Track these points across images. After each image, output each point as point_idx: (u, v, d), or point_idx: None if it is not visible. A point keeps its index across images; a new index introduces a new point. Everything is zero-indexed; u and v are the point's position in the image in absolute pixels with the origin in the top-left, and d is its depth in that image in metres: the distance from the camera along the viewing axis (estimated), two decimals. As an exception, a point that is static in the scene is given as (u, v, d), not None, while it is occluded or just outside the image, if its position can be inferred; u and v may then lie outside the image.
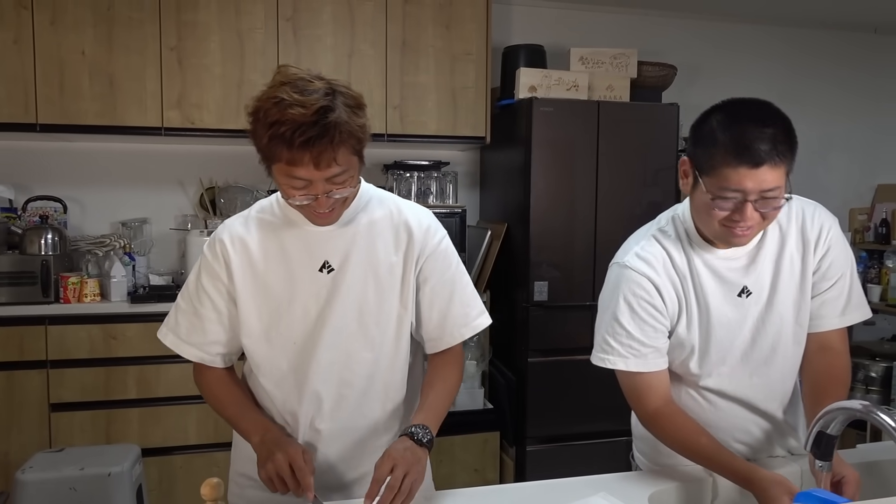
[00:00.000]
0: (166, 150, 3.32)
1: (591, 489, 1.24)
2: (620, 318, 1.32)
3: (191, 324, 1.31)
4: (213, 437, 2.88)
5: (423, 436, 1.18)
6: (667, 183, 3.23)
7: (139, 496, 2.32)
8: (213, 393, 1.34)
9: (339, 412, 1.30)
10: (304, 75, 1.13)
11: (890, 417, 1.01)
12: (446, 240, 1.36)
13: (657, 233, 1.37)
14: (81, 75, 2.88)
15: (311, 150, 1.08)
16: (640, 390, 1.34)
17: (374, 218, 1.29)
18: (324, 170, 1.11)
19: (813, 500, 0.99)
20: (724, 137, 1.18)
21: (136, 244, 3.19)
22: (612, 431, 3.16)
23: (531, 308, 3.10)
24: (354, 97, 1.15)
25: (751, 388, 1.38)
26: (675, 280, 1.33)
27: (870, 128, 4.40)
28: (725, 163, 1.18)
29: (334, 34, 3.11)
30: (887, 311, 3.66)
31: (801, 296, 1.35)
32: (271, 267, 1.26)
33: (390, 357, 1.31)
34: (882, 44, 4.41)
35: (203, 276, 1.30)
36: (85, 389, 2.79)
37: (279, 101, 1.08)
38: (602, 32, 3.82)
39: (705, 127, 1.24)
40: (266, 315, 1.27)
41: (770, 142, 1.16)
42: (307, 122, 1.06)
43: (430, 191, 3.37)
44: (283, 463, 1.15)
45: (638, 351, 1.32)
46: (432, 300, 1.31)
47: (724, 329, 1.34)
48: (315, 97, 1.08)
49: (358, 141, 1.14)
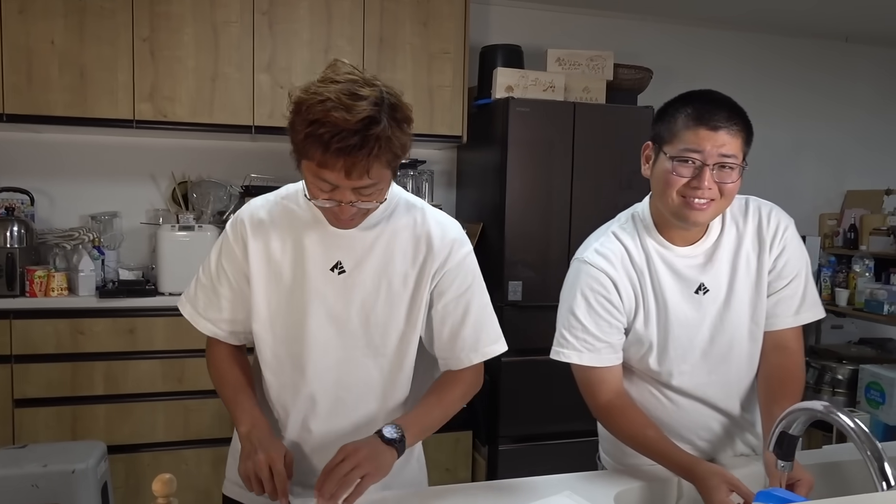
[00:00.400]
0: (138, 143, 3.27)
1: (557, 488, 1.24)
2: (577, 312, 1.35)
3: (208, 299, 1.31)
4: (182, 435, 2.85)
5: (391, 433, 1.17)
6: (641, 185, 3.18)
7: (104, 494, 2.29)
8: (218, 369, 1.34)
9: (333, 415, 1.28)
10: (357, 77, 1.09)
11: (849, 419, 1.03)
12: (470, 257, 1.30)
13: (617, 229, 1.41)
14: (51, 65, 2.82)
15: (345, 158, 1.05)
16: (592, 384, 1.37)
17: (397, 226, 1.26)
18: (354, 180, 1.08)
19: (773, 499, 1.00)
20: (685, 108, 1.26)
21: (105, 238, 3.13)
22: (585, 431, 3.15)
23: (505, 308, 3.11)
24: (404, 110, 1.11)
25: (710, 385, 1.40)
26: (632, 276, 1.36)
27: (840, 135, 4.49)
28: (686, 126, 1.24)
29: (311, 29, 3.09)
30: (854, 315, 3.73)
31: (756, 294, 1.38)
32: (286, 257, 1.25)
33: (392, 368, 1.28)
34: (852, 52, 4.49)
35: (223, 255, 1.30)
36: (50, 385, 2.74)
37: (325, 99, 1.04)
38: (579, 34, 3.84)
39: (668, 108, 1.31)
40: (275, 303, 1.27)
41: (727, 112, 1.25)
42: (349, 129, 1.03)
43: (406, 189, 3.34)
44: (263, 465, 1.14)
45: (592, 345, 1.34)
46: (444, 318, 1.27)
47: (682, 327, 1.36)
48: (363, 105, 1.04)
49: (395, 157, 1.11)
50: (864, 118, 4.53)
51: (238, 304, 1.30)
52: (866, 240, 3.87)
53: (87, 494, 2.17)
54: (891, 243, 3.69)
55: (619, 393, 1.37)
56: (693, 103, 1.26)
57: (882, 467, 0.97)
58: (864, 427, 1.01)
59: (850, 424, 1.02)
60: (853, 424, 1.02)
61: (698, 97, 1.28)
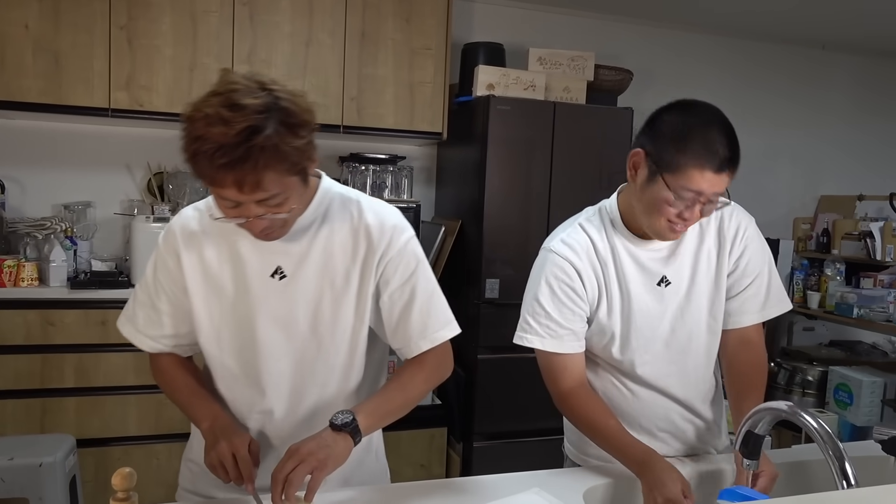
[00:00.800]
0: (113, 132, 3.22)
1: (526, 485, 1.25)
2: (541, 298, 1.39)
3: (147, 316, 1.28)
4: (154, 429, 2.82)
5: (339, 419, 1.15)
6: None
7: (73, 488, 2.26)
8: (167, 375, 1.31)
9: (289, 422, 1.27)
10: (240, 86, 1.02)
11: (812, 419, 1.05)
12: (412, 243, 1.27)
13: (583, 221, 1.45)
14: (24, 51, 2.77)
15: (232, 173, 1.00)
16: (555, 370, 1.40)
17: (333, 224, 1.23)
18: (249, 194, 1.03)
19: (735, 496, 1.02)
20: (695, 140, 1.23)
21: (78, 228, 3.09)
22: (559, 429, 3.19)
23: (482, 305, 3.12)
24: (297, 113, 1.05)
25: (670, 376, 1.44)
26: (596, 266, 1.39)
27: (815, 141, 4.56)
28: (693, 164, 1.23)
29: (292, 21, 3.07)
30: (825, 318, 3.79)
31: (716, 289, 1.43)
32: (224, 268, 1.22)
33: (345, 368, 1.27)
34: (828, 60, 4.56)
35: (158, 269, 1.26)
36: (19, 377, 2.69)
37: (204, 116, 0.99)
38: (561, 34, 3.86)
39: (671, 125, 1.27)
40: (217, 316, 1.24)
41: (731, 149, 1.24)
42: (229, 144, 0.98)
43: (386, 185, 3.35)
44: (227, 452, 1.13)
45: (555, 332, 1.38)
46: (391, 308, 1.25)
47: (644, 317, 1.39)
48: (243, 115, 0.98)
49: (293, 164, 1.05)
50: (838, 125, 4.60)
51: (179, 318, 1.27)
52: (838, 244, 3.94)
53: (54, 488, 2.14)
54: (861, 248, 3.76)
55: (581, 382, 1.41)
56: (703, 137, 1.23)
57: (843, 467, 0.99)
58: (826, 427, 1.03)
59: (813, 424, 1.04)
60: (816, 424, 1.04)
61: (708, 128, 1.24)
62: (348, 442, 1.14)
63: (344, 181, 3.31)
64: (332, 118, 3.15)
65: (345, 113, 3.16)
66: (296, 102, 1.06)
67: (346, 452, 1.14)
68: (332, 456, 1.11)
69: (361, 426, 1.16)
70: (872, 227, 3.71)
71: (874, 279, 3.72)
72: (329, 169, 3.45)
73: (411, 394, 1.26)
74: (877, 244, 3.67)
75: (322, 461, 1.09)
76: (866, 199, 4.15)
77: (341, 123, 3.16)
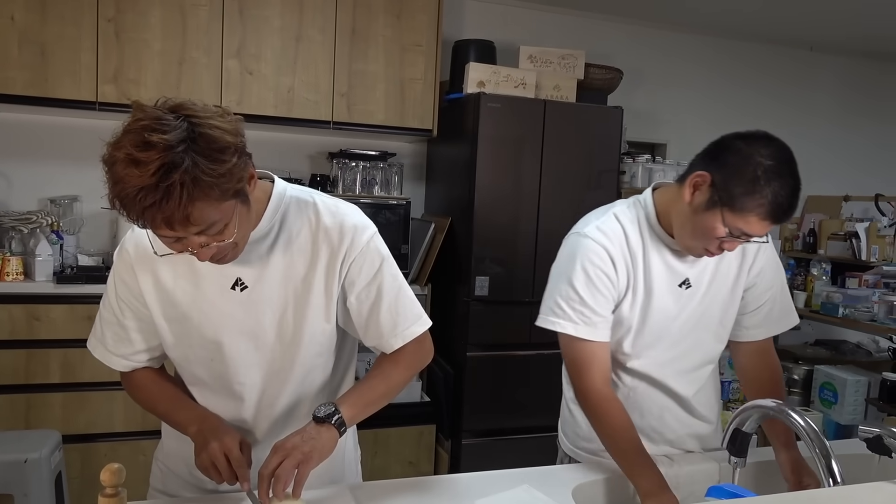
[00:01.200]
0: (101, 125, 3.17)
1: (516, 482, 1.25)
2: (576, 283, 1.35)
3: (116, 334, 1.25)
4: (141, 425, 2.80)
5: (321, 411, 1.15)
6: (609, 185, 3.29)
7: (58, 484, 2.24)
8: (143, 392, 1.28)
9: (264, 426, 1.27)
10: (149, 120, 0.95)
11: (800, 417, 1.06)
12: (374, 240, 1.23)
13: (618, 212, 1.42)
14: (10, 42, 2.73)
15: (159, 213, 0.95)
16: (584, 360, 1.36)
17: (291, 230, 1.19)
18: (183, 230, 0.99)
19: (723, 493, 1.03)
20: (770, 192, 1.21)
21: (64, 222, 3.06)
22: (548, 427, 3.19)
23: (472, 303, 3.12)
24: (216, 139, 0.97)
25: (669, 375, 1.45)
26: (627, 259, 1.38)
27: (801, 141, 4.55)
28: (759, 214, 1.22)
29: (282, 16, 3.05)
30: (811, 317, 3.82)
31: (730, 299, 1.45)
32: (179, 284, 1.18)
33: (316, 369, 1.26)
34: (815, 60, 4.60)
35: (118, 286, 1.22)
36: (3, 372, 2.66)
37: (118, 160, 0.94)
38: (552, 32, 3.86)
39: (746, 163, 1.23)
40: (177, 331, 1.21)
41: (795, 202, 1.25)
42: (147, 185, 0.92)
43: (376, 181, 3.34)
44: (219, 453, 1.12)
45: (589, 318, 1.35)
46: (359, 308, 1.22)
47: (660, 315, 1.40)
48: (156, 152, 0.92)
49: (222, 191, 0.98)
50: (825, 125, 4.64)
51: (148, 332, 1.24)
52: (824, 244, 3.98)
53: (40, 485, 2.12)
54: (847, 248, 3.79)
55: (608, 380, 1.38)
56: (776, 188, 1.21)
57: (829, 464, 1.00)
58: (813, 425, 1.04)
59: (801, 422, 1.05)
60: (803, 423, 1.05)
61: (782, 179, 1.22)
62: (333, 433, 1.14)
63: (334, 178, 3.30)
64: (322, 114, 3.14)
65: (335, 109, 3.15)
66: (215, 125, 0.98)
67: (332, 444, 1.14)
68: (316, 448, 1.11)
69: (345, 417, 1.16)
70: (858, 227, 3.74)
71: (859, 279, 3.76)
72: (319, 165, 3.46)
73: (393, 382, 1.25)
74: (862, 244, 3.71)
75: (307, 454, 1.09)
76: (852, 199, 4.19)
77: (331, 119, 3.15)
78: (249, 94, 3.03)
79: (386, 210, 3.20)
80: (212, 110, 1.01)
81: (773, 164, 1.22)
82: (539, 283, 3.28)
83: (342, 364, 1.32)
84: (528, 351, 3.16)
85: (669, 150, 4.11)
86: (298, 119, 3.11)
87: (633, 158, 3.66)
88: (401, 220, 3.21)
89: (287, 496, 1.08)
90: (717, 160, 1.27)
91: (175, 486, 1.33)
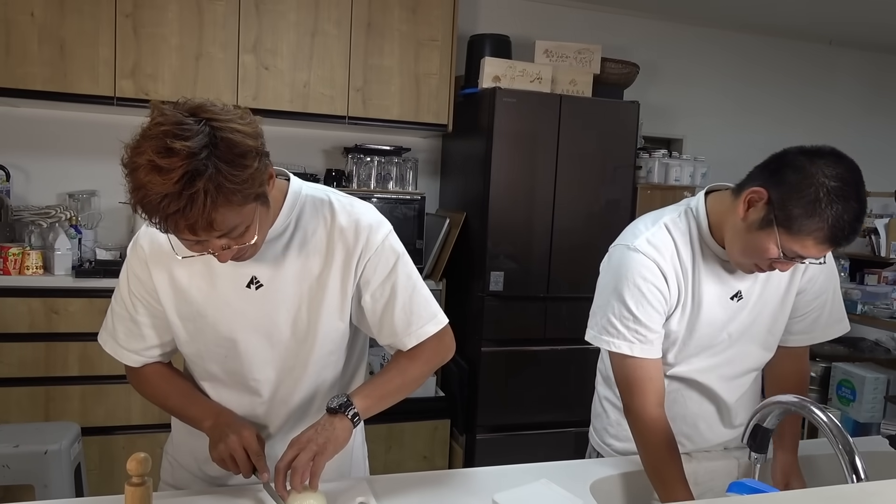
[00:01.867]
0: (118, 120, 3.21)
1: (533, 476, 1.25)
2: (628, 300, 1.29)
3: (128, 329, 1.25)
4: (158, 418, 2.82)
5: (334, 402, 1.15)
6: (625, 180, 3.27)
7: (77, 475, 2.26)
8: (154, 386, 1.29)
9: (277, 421, 1.27)
10: (170, 125, 0.93)
11: (823, 413, 1.04)
12: (389, 239, 1.22)
13: (668, 222, 1.35)
14: (30, 38, 2.76)
15: (183, 219, 0.94)
16: (638, 381, 1.30)
17: (307, 229, 1.19)
18: (204, 235, 0.99)
19: (744, 489, 1.02)
20: (831, 216, 1.13)
21: (83, 217, 3.08)
22: (562, 422, 3.21)
23: (487, 298, 3.11)
24: (238, 143, 0.96)
25: (711, 382, 1.41)
26: (678, 272, 1.32)
27: (821, 136, 4.51)
28: (817, 238, 1.15)
29: (298, 11, 3.05)
30: (828, 314, 3.78)
31: (781, 308, 1.39)
32: (194, 282, 1.17)
33: (332, 370, 1.27)
34: (835, 55, 4.54)
35: (131, 281, 1.22)
36: (24, 365, 2.70)
37: (140, 165, 0.93)
38: (567, 26, 3.84)
39: (808, 182, 1.15)
40: (191, 328, 1.21)
41: (857, 228, 1.16)
42: (171, 193, 0.92)
43: (391, 176, 3.34)
44: (237, 446, 1.13)
45: (644, 336, 1.29)
46: (373, 307, 1.22)
47: (709, 328, 1.36)
48: (179, 159, 0.91)
49: (245, 196, 0.98)
50: (843, 121, 4.59)
51: (161, 328, 1.24)
52: (843, 240, 3.93)
53: (59, 475, 2.15)
54: (866, 244, 3.75)
55: (661, 401, 1.31)
56: (838, 213, 1.13)
57: (853, 461, 0.99)
58: (836, 421, 1.03)
59: (824, 419, 1.04)
60: (826, 419, 1.04)
61: (846, 203, 1.14)
62: (346, 424, 1.14)
63: (349, 173, 3.31)
64: (338, 109, 3.14)
65: (350, 104, 3.16)
66: (236, 129, 0.97)
67: (346, 435, 1.14)
68: (331, 440, 1.11)
69: (359, 408, 1.16)
70: (877, 223, 3.70)
71: (878, 276, 3.72)
72: (334, 160, 3.47)
73: (409, 376, 1.25)
74: (881, 241, 3.66)
75: (322, 445, 1.10)
76: (871, 195, 4.11)
77: (346, 114, 3.16)
78: (265, 89, 3.04)
79: (401, 205, 3.20)
80: (231, 112, 0.99)
81: (837, 185, 1.13)
82: (554, 277, 3.30)
83: (353, 360, 1.33)
84: (542, 346, 3.16)
85: (686, 146, 4.07)
86: (314, 114, 3.12)
87: (650, 153, 3.63)
88: (415, 216, 3.21)
89: (305, 488, 1.08)
90: (776, 176, 1.19)
91: (184, 480, 1.34)
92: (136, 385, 1.31)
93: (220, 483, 1.29)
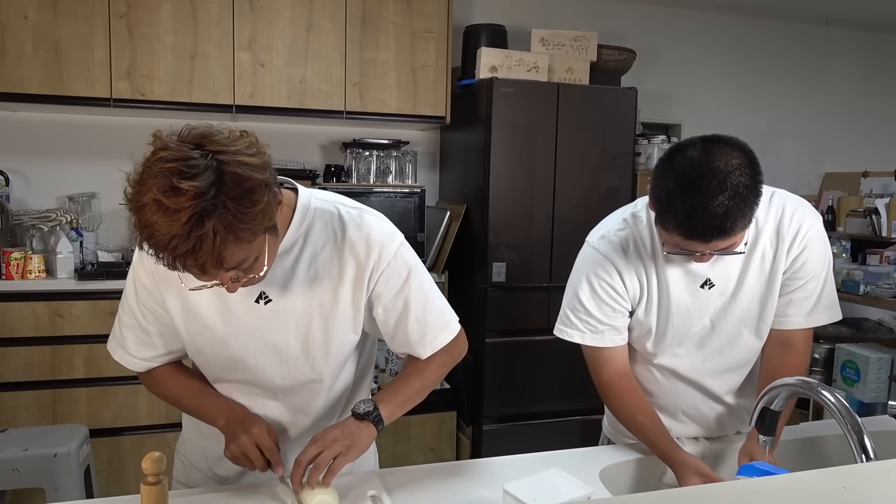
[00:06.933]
0: (116, 122, 3.21)
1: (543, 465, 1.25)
2: (581, 296, 1.38)
3: (138, 338, 1.23)
4: (165, 418, 2.83)
5: (362, 408, 1.17)
6: (624, 168, 3.27)
7: (87, 477, 2.27)
8: (166, 386, 1.29)
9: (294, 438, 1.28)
10: (175, 161, 0.89)
11: (831, 394, 1.05)
12: (401, 250, 1.20)
13: (630, 217, 1.39)
14: (24, 41, 2.75)
15: (191, 258, 0.92)
16: (596, 362, 1.42)
17: (316, 244, 1.16)
18: (214, 271, 0.96)
19: (755, 471, 1.02)
20: (677, 210, 1.14)
21: (83, 219, 3.08)
22: (567, 411, 3.22)
23: (489, 289, 3.12)
24: (246, 177, 0.92)
25: (702, 371, 1.42)
26: (638, 266, 1.35)
27: (819, 118, 4.53)
28: (679, 232, 1.16)
29: (292, 6, 3.04)
30: (831, 295, 3.78)
31: (768, 292, 1.36)
32: (203, 296, 1.14)
33: (344, 377, 1.27)
34: (832, 36, 4.53)
35: (139, 291, 1.20)
36: (29, 369, 2.70)
37: (145, 205, 0.89)
38: (563, 14, 3.82)
39: (662, 184, 1.16)
40: (200, 342, 1.20)
41: (721, 219, 1.12)
42: (179, 234, 0.89)
43: (390, 170, 3.34)
44: (249, 443, 1.14)
45: (595, 328, 1.38)
46: (386, 319, 1.21)
47: (682, 316, 1.36)
48: (186, 200, 0.88)
49: (254, 232, 0.95)
50: (842, 102, 4.58)
51: (171, 336, 1.22)
52: (843, 221, 3.92)
53: (69, 478, 2.16)
54: (867, 224, 3.75)
55: (621, 372, 1.41)
56: (684, 204, 1.12)
57: (862, 440, 1.00)
58: (844, 402, 1.03)
59: (832, 399, 1.04)
60: (834, 399, 1.04)
61: (690, 189, 1.11)
62: (371, 430, 1.16)
63: (347, 167, 3.30)
64: (335, 104, 3.13)
65: (347, 98, 3.15)
66: (244, 161, 0.93)
67: (369, 440, 1.16)
68: (355, 444, 1.13)
69: (384, 414, 1.18)
70: (878, 203, 3.69)
71: (880, 255, 3.71)
72: (332, 155, 3.46)
73: (428, 379, 1.27)
74: (882, 220, 3.66)
75: (347, 447, 1.11)
76: (871, 175, 4.13)
77: (344, 109, 3.15)
78: (262, 86, 3.03)
79: (400, 199, 3.20)
80: (238, 141, 0.95)
81: (679, 183, 1.13)
82: (556, 267, 3.29)
83: (363, 359, 1.33)
84: (546, 336, 3.12)
85: (684, 131, 4.07)
86: (311, 110, 3.11)
87: (649, 140, 3.63)
88: (416, 209, 3.21)
89: (318, 483, 1.09)
90: (651, 181, 1.21)
91: (196, 479, 1.35)
92: (148, 386, 1.31)
93: (230, 483, 1.30)
